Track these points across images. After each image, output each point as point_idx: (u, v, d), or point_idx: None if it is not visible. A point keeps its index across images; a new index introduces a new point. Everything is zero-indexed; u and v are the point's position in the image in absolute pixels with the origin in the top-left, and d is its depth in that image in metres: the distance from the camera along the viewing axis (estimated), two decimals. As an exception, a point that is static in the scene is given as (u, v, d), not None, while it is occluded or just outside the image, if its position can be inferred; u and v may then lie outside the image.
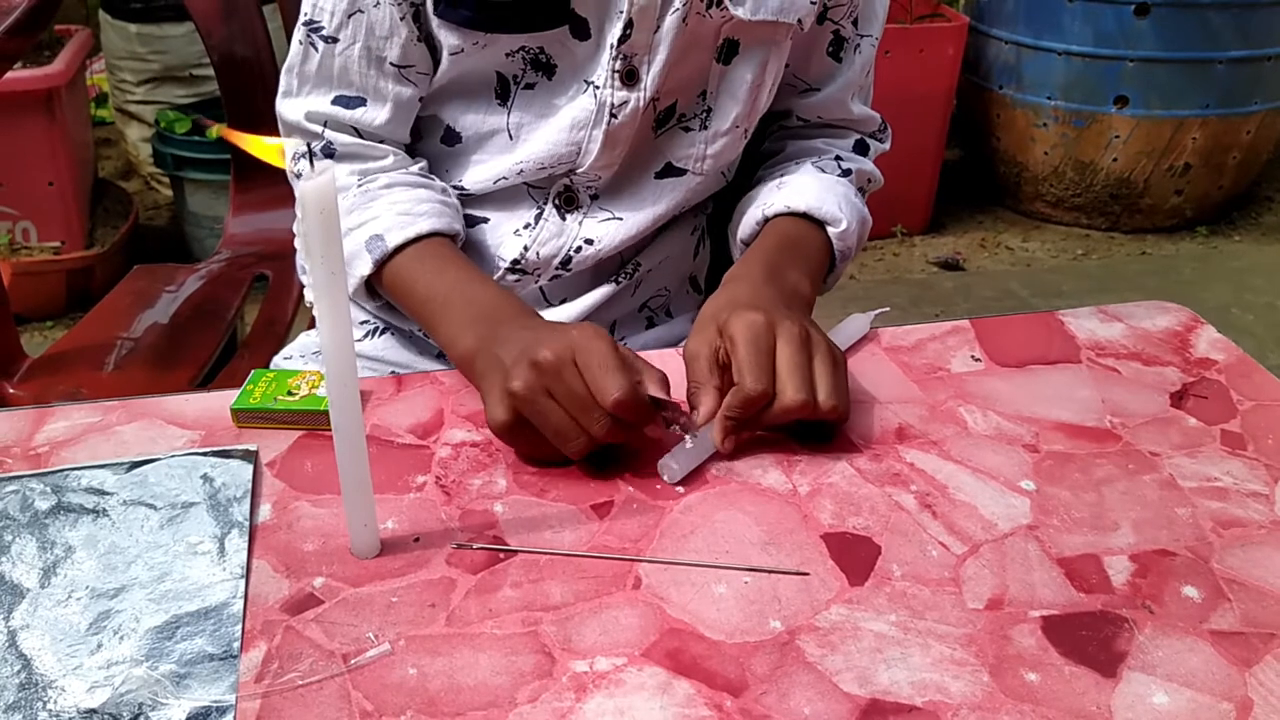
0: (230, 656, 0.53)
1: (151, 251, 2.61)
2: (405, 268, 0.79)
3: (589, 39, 0.80)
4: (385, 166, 0.84)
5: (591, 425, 0.64)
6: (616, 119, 0.82)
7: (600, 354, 0.64)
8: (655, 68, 0.80)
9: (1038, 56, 2.73)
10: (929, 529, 0.63)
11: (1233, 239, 2.90)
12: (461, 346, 0.73)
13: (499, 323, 0.72)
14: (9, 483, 0.65)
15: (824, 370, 0.68)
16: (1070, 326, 0.85)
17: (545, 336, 0.66)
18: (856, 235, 0.87)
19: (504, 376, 0.65)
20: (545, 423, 0.64)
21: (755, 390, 0.66)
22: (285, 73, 0.84)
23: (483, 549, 0.61)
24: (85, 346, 1.23)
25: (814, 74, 0.91)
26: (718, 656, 0.54)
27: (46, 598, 0.57)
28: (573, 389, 0.63)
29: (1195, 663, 0.54)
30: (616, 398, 0.62)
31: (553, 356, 0.64)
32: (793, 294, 0.78)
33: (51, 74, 2.26)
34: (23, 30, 1.18)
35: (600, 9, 0.79)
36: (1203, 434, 0.72)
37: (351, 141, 0.84)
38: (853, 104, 0.92)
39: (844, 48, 0.89)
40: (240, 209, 1.44)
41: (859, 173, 0.92)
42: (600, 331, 0.66)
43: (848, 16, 0.88)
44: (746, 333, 0.68)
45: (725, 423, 0.68)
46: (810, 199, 0.85)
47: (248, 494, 0.64)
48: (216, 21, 1.39)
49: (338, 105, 0.83)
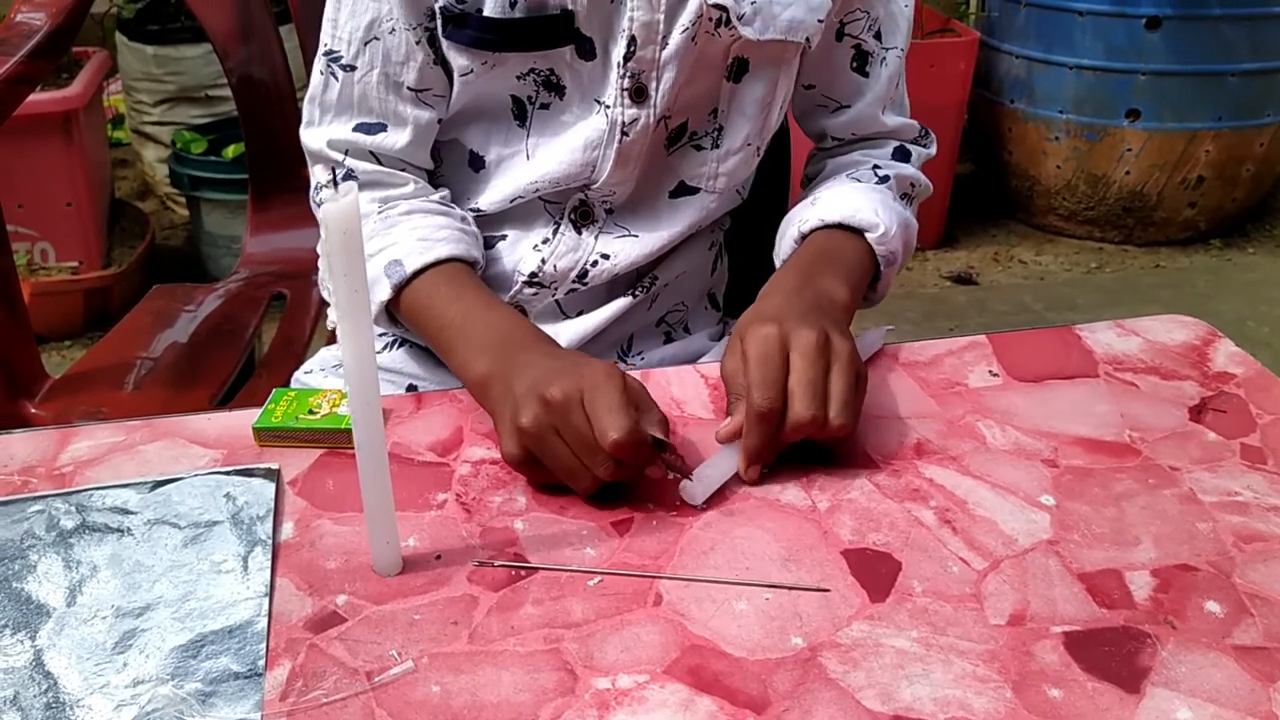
0: (255, 675, 0.54)
1: (168, 271, 2.63)
2: (422, 292, 0.79)
3: (595, 59, 0.81)
4: (406, 194, 0.85)
5: (595, 466, 0.64)
6: (628, 136, 0.82)
7: (606, 395, 0.64)
8: (664, 85, 0.81)
9: (1049, 70, 2.73)
10: (949, 545, 0.63)
11: (1247, 251, 2.89)
12: (475, 371, 0.73)
13: (513, 349, 0.72)
14: (34, 502, 0.66)
15: (839, 384, 0.67)
16: (1087, 341, 0.85)
17: (557, 371, 0.66)
18: (900, 240, 0.85)
19: (514, 411, 0.66)
20: (553, 462, 0.65)
21: (762, 406, 0.66)
22: (308, 103, 0.85)
23: (504, 566, 0.61)
24: (105, 366, 1.24)
25: (841, 91, 0.91)
26: (739, 673, 0.54)
27: (72, 617, 0.58)
28: (579, 430, 0.64)
29: (1219, 678, 0.54)
30: (614, 439, 0.62)
31: (561, 395, 0.64)
32: (826, 301, 0.76)
33: (69, 96, 2.28)
34: (43, 54, 1.19)
35: (605, 28, 0.80)
36: (1222, 448, 0.72)
37: (373, 169, 0.85)
38: (885, 117, 0.92)
39: (868, 62, 0.89)
40: (258, 228, 1.45)
41: (899, 178, 0.90)
42: (612, 371, 0.66)
43: (868, 30, 0.88)
44: (758, 348, 0.68)
45: (747, 451, 0.67)
46: (845, 209, 0.84)
47: (270, 512, 0.65)
48: (234, 43, 1.40)
49: (359, 132, 0.84)
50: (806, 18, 0.82)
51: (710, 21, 0.79)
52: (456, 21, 0.80)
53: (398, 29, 0.81)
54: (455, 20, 0.80)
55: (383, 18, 0.81)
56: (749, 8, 0.80)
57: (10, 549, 0.62)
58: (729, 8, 0.79)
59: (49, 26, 1.20)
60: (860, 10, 0.87)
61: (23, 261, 2.37)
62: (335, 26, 0.83)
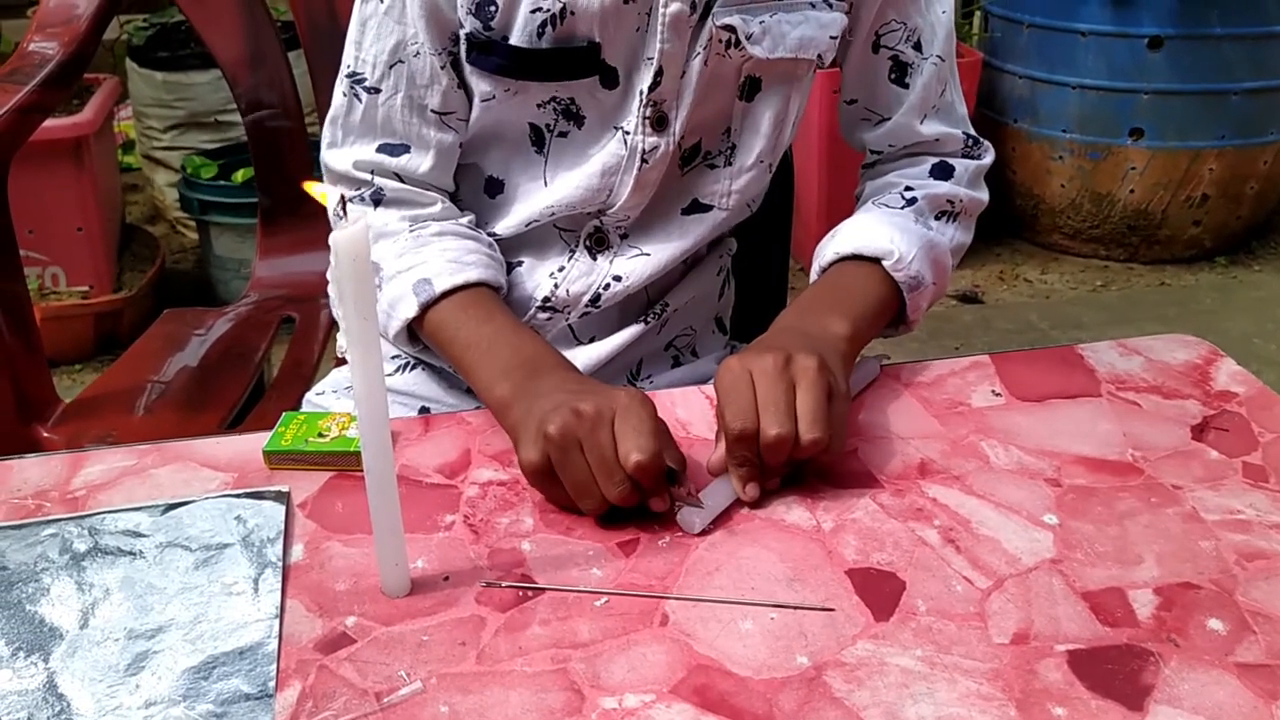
0: (266, 696, 0.54)
1: (178, 295, 2.65)
2: (450, 313, 0.80)
3: (617, 87, 0.82)
4: (435, 214, 0.85)
5: (609, 487, 0.65)
6: (648, 163, 0.83)
7: (637, 417, 0.65)
8: (683, 111, 0.82)
9: (1052, 90, 2.74)
10: (953, 564, 0.64)
11: (1253, 269, 2.89)
12: (499, 392, 0.74)
13: (539, 373, 0.73)
14: (47, 526, 0.67)
15: (806, 400, 0.67)
16: (1090, 360, 0.85)
17: (586, 392, 0.68)
18: (925, 261, 0.84)
19: (541, 420, 0.66)
20: (568, 474, 0.66)
21: (734, 428, 0.67)
22: (329, 124, 0.86)
23: (511, 587, 0.62)
24: (117, 390, 1.25)
25: (881, 104, 0.90)
26: (745, 692, 0.55)
27: (85, 639, 0.58)
28: (602, 446, 0.65)
29: (1221, 695, 0.55)
30: (638, 459, 0.64)
31: (593, 410, 0.66)
32: (817, 333, 0.77)
33: (80, 122, 2.30)
34: (56, 83, 1.21)
35: (630, 58, 0.81)
36: (1224, 466, 0.72)
37: (400, 187, 0.85)
38: (923, 126, 0.90)
39: (907, 73, 0.88)
40: (267, 252, 1.47)
41: (930, 198, 0.88)
42: (645, 399, 0.67)
43: (905, 41, 0.87)
44: (725, 380, 0.69)
45: (737, 471, 0.68)
46: (858, 240, 0.84)
47: (280, 535, 0.66)
48: (244, 69, 1.42)
49: (382, 153, 0.84)
50: (817, 35, 0.82)
51: (720, 44, 0.80)
52: (482, 49, 0.80)
53: (423, 53, 0.81)
54: (481, 47, 0.80)
55: (408, 41, 0.81)
56: (757, 27, 0.80)
57: (23, 572, 0.63)
58: (737, 28, 0.79)
59: (61, 56, 1.21)
60: (896, 21, 0.86)
61: (34, 286, 2.39)
62: (359, 49, 0.83)
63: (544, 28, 0.78)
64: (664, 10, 0.78)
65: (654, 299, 0.93)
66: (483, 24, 0.80)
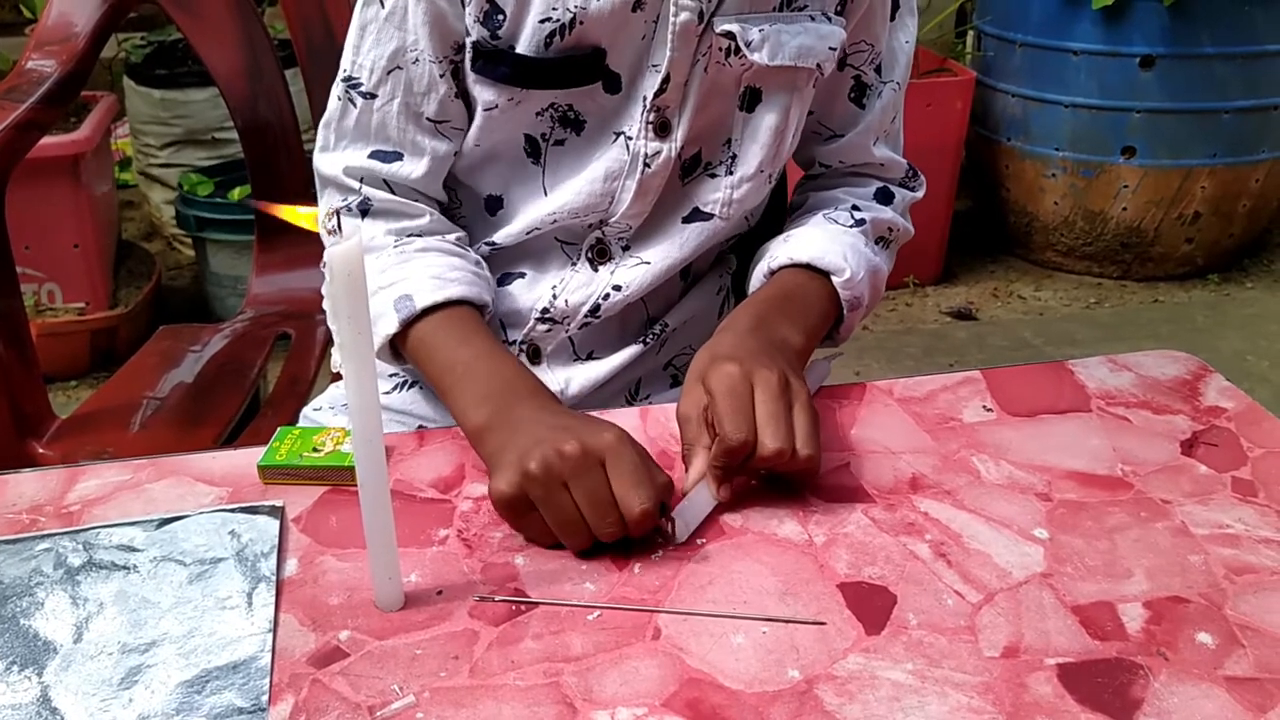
0: (259, 710, 0.55)
1: (174, 311, 2.65)
2: (429, 332, 0.79)
3: (619, 92, 0.82)
4: (422, 227, 0.85)
5: (602, 527, 0.65)
6: (650, 169, 0.84)
7: (632, 464, 0.65)
8: (685, 118, 0.83)
9: (1044, 109, 2.76)
10: (944, 578, 0.64)
11: (1245, 286, 2.90)
12: (475, 417, 0.73)
13: (514, 401, 0.72)
14: (42, 540, 0.67)
15: (802, 420, 0.69)
16: (1080, 376, 0.86)
17: (566, 428, 0.67)
18: (867, 284, 0.87)
19: (521, 455, 0.66)
20: (553, 513, 0.65)
21: (735, 440, 0.68)
22: (323, 128, 0.85)
23: (505, 601, 0.62)
24: (112, 406, 1.26)
25: (837, 120, 0.92)
26: (737, 706, 0.55)
27: (79, 653, 0.58)
28: (596, 489, 0.65)
29: (1210, 709, 0.55)
30: (643, 509, 0.64)
31: (579, 453, 0.65)
32: (779, 344, 0.77)
33: (77, 139, 2.31)
34: (54, 100, 1.21)
35: (634, 64, 0.81)
36: (1214, 481, 0.73)
37: (388, 198, 0.85)
38: (875, 148, 0.92)
39: (866, 94, 0.90)
40: (263, 269, 1.47)
41: (875, 222, 0.91)
42: (629, 438, 0.67)
43: (869, 63, 0.89)
44: (723, 384, 0.70)
45: (715, 473, 0.69)
46: (814, 250, 0.85)
47: (274, 549, 0.66)
48: (240, 87, 1.43)
49: (375, 159, 0.84)
50: (817, 44, 0.83)
51: (720, 51, 0.81)
52: (489, 58, 0.80)
53: (422, 60, 0.81)
54: (488, 56, 0.81)
55: (408, 48, 0.81)
56: (756, 34, 0.81)
57: (18, 586, 0.63)
58: (737, 34, 0.80)
59: (59, 73, 1.22)
60: (865, 43, 0.88)
61: (30, 302, 2.39)
62: (357, 53, 0.83)
63: (553, 37, 0.79)
64: (674, 20, 0.79)
65: (654, 317, 0.93)
66: (490, 33, 0.80)
